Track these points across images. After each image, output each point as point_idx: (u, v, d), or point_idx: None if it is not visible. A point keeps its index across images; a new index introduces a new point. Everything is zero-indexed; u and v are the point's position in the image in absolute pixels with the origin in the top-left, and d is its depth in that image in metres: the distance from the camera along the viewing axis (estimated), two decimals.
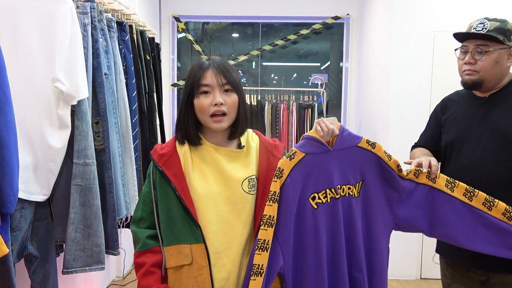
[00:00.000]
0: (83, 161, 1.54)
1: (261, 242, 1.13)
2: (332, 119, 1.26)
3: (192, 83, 1.14)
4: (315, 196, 1.22)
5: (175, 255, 1.15)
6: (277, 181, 1.16)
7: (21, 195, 1.39)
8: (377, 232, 1.29)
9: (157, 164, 1.16)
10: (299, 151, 1.20)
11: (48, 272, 1.63)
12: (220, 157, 1.19)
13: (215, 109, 1.13)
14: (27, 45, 1.43)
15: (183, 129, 1.18)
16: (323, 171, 1.22)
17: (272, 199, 1.15)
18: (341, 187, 1.25)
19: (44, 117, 1.45)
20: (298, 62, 4.64)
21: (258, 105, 3.65)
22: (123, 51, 1.98)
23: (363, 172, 1.29)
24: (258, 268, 1.12)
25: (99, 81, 1.65)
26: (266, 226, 1.14)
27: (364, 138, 1.28)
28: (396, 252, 3.21)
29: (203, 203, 1.15)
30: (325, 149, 1.23)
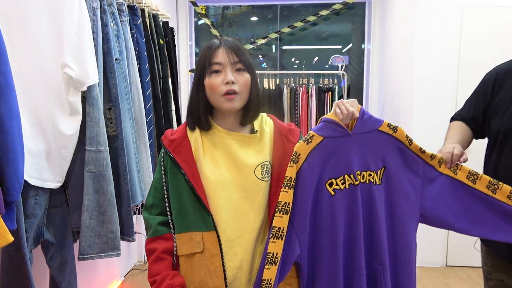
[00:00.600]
0: (95, 147, 1.52)
1: (276, 230, 1.09)
2: (352, 101, 1.19)
3: (203, 63, 1.10)
4: (332, 182, 1.16)
5: (186, 242, 1.12)
6: (293, 166, 1.11)
7: (34, 182, 1.39)
8: (403, 223, 1.21)
9: (168, 150, 1.13)
10: (317, 135, 1.15)
11: (65, 258, 1.64)
12: (232, 142, 1.14)
13: (227, 87, 1.09)
14: (35, 32, 1.41)
15: (194, 113, 1.14)
16: (341, 156, 1.16)
17: (288, 185, 1.10)
18: (360, 173, 1.18)
19: (55, 104, 1.44)
20: (318, 45, 4.51)
21: (277, 89, 3.57)
22: (135, 36, 1.94)
23: (384, 158, 1.21)
24: (273, 257, 1.08)
25: (110, 66, 1.62)
26: (281, 213, 1.09)
27: (385, 122, 1.21)
28: (419, 238, 3.13)
29: (214, 190, 1.11)
30: (345, 133, 1.16)
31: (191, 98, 1.15)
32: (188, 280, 1.14)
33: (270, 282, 1.08)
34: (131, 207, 1.73)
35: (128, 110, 1.78)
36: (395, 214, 1.21)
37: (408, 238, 1.21)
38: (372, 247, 1.19)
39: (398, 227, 1.21)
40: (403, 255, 1.20)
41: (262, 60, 4.53)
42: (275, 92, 3.56)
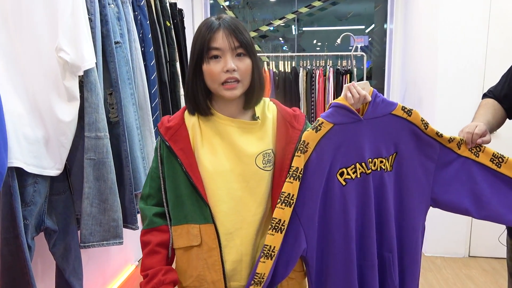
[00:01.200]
0: (94, 134, 1.48)
1: (275, 222, 1.02)
2: (363, 83, 1.11)
3: (200, 47, 1.01)
4: (343, 171, 1.09)
5: (183, 235, 1.07)
6: (301, 156, 1.04)
7: (32, 170, 1.37)
8: (410, 208, 1.15)
9: (164, 138, 1.07)
10: (326, 122, 1.07)
11: (69, 245, 1.63)
12: (232, 130, 1.07)
13: (227, 76, 1.01)
14: (31, 14, 1.36)
15: (192, 98, 1.07)
16: (353, 143, 1.09)
17: (293, 176, 1.03)
18: (372, 160, 1.11)
19: (52, 90, 1.39)
20: (339, 25, 4.33)
21: (293, 72, 3.45)
22: (138, 18, 1.87)
23: (396, 143, 1.13)
24: (269, 250, 1.02)
25: (109, 49, 1.56)
26: (283, 204, 1.02)
27: (399, 105, 1.12)
28: (441, 227, 3.01)
29: (213, 180, 1.05)
30: (356, 118, 1.09)
31: (188, 83, 1.07)
32: (186, 274, 1.09)
33: (263, 276, 1.02)
34: (133, 195, 1.70)
35: (131, 95, 1.72)
36: (404, 199, 1.15)
37: (415, 223, 1.16)
38: (382, 235, 1.14)
39: (406, 212, 1.15)
40: (410, 240, 1.15)
41: (283, 42, 4.39)
42: (291, 75, 3.44)
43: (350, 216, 1.10)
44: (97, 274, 2.38)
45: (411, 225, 1.16)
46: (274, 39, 4.38)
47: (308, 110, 3.43)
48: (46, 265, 1.78)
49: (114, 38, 1.61)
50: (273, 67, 3.53)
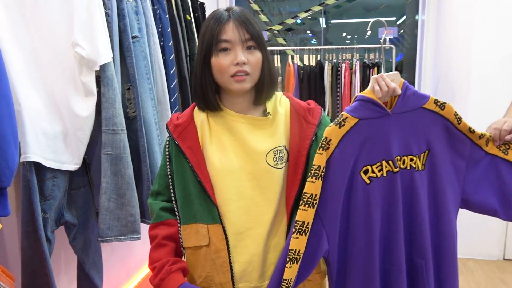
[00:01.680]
0: (111, 129, 1.48)
1: (299, 225, 0.98)
2: (393, 74, 1.03)
3: (209, 39, 0.97)
4: (368, 169, 1.03)
5: (192, 234, 1.05)
6: (323, 153, 0.98)
7: (50, 164, 1.39)
8: (446, 210, 1.07)
9: (172, 136, 1.05)
10: (350, 116, 1.01)
11: (89, 239, 1.65)
12: (242, 126, 1.03)
13: (237, 69, 0.97)
14: (48, 9, 1.37)
15: (200, 94, 1.04)
16: (379, 139, 1.03)
17: (315, 175, 0.98)
18: (401, 158, 1.04)
19: (69, 85, 1.40)
20: (368, 17, 4.20)
21: (318, 65, 3.37)
22: (157, 12, 1.86)
23: (429, 140, 1.06)
24: (295, 254, 0.97)
25: (126, 44, 1.56)
26: (307, 206, 0.97)
27: (431, 98, 1.04)
28: (474, 228, 2.86)
29: (222, 178, 1.02)
30: (383, 113, 1.02)
31: (196, 78, 1.04)
32: (195, 274, 1.07)
33: (290, 281, 0.98)
34: None
35: (149, 90, 1.72)
36: (439, 202, 1.07)
37: (452, 227, 1.08)
38: (413, 239, 1.07)
39: (442, 216, 1.07)
40: (448, 246, 1.07)
41: (312, 36, 4.31)
42: (316, 69, 3.36)
43: (374, 217, 1.04)
44: (120, 267, 2.42)
45: (448, 229, 1.08)
46: (301, 32, 4.30)
47: (333, 105, 3.35)
48: (69, 258, 1.82)
49: (132, 32, 1.60)
50: (297, 60, 3.46)
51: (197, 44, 1.03)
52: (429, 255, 1.06)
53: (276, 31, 4.07)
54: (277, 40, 4.10)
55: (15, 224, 1.51)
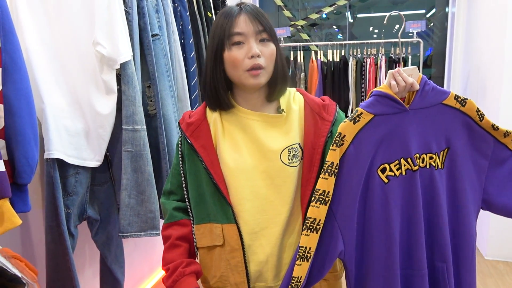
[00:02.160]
0: (131, 126, 1.50)
1: (310, 221, 0.95)
2: (411, 69, 0.99)
3: (220, 34, 0.95)
4: (385, 167, 0.99)
5: (206, 234, 1.04)
6: (337, 150, 0.96)
7: (73, 161, 1.42)
8: (466, 211, 1.03)
9: (185, 135, 1.04)
10: (365, 112, 0.98)
11: (111, 234, 1.69)
12: (255, 124, 1.01)
13: (252, 62, 0.95)
14: (70, 10, 1.40)
15: (212, 91, 1.02)
16: (397, 136, 0.99)
17: (328, 171, 0.95)
18: (420, 156, 1.00)
19: (90, 83, 1.43)
20: (397, 10, 4.07)
21: (342, 61, 3.30)
22: (178, 9, 1.87)
23: (448, 137, 1.01)
24: (305, 252, 0.95)
25: (146, 42, 1.57)
26: (318, 203, 0.95)
27: (452, 93, 1.00)
28: (504, 230, 2.74)
29: (235, 178, 1.00)
30: (401, 109, 0.98)
31: (207, 74, 1.02)
32: (209, 275, 1.07)
33: (300, 280, 0.95)
34: None
35: (169, 88, 1.73)
36: (459, 202, 1.03)
37: (471, 229, 1.04)
38: (433, 242, 1.02)
39: (462, 217, 1.03)
40: (467, 248, 1.03)
41: (338, 31, 4.23)
42: (339, 64, 3.29)
43: (393, 218, 1.00)
44: (143, 262, 2.46)
45: (468, 231, 1.03)
46: (326, 27, 4.22)
47: (357, 101, 3.28)
48: (93, 252, 1.86)
49: (152, 30, 1.61)
50: (321, 56, 3.41)
51: (208, 41, 1.00)
52: (450, 258, 1.02)
53: (300, 27, 4.02)
54: (300, 36, 4.05)
55: (40, 219, 1.56)
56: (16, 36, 0.98)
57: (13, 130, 0.94)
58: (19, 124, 0.95)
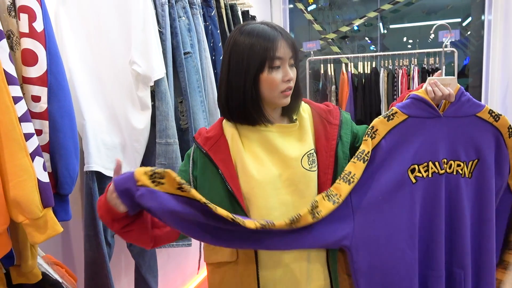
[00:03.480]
0: (165, 140, 1.57)
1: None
2: (450, 78, 1.03)
3: (262, 57, 0.97)
4: (415, 168, 1.03)
5: (217, 250, 1.05)
6: (369, 140, 1.01)
7: (111, 174, 1.50)
8: (491, 224, 1.05)
9: (202, 148, 1.05)
10: (400, 112, 1.02)
11: None
12: (272, 135, 1.05)
13: (287, 85, 1.01)
14: (109, 33, 1.50)
15: (241, 106, 1.02)
16: (427, 139, 1.03)
17: (358, 157, 1.00)
18: (447, 162, 1.03)
19: (127, 100, 1.52)
20: (429, 20, 4.01)
21: (372, 72, 3.28)
22: (209, 28, 1.95)
23: (479, 149, 1.04)
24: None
25: (179, 60, 1.65)
26: (342, 180, 0.99)
27: (486, 107, 1.03)
28: None
29: (262, 189, 1.02)
30: (435, 114, 1.02)
31: (237, 95, 1.02)
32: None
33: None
34: None
35: (201, 103, 1.79)
36: (485, 213, 1.05)
37: (493, 243, 1.05)
38: (452, 247, 1.05)
39: (486, 230, 1.05)
40: (488, 261, 1.05)
41: (370, 42, 4.21)
42: (370, 76, 3.27)
43: (417, 216, 1.02)
44: (177, 273, 2.52)
45: (490, 244, 1.04)
46: (357, 39, 4.21)
47: None
48: (129, 261, 1.94)
49: (185, 48, 1.69)
50: (351, 68, 3.40)
51: (234, 58, 1.01)
52: (468, 266, 1.03)
53: (330, 39, 4.03)
54: (331, 49, 4.07)
55: (80, 229, 1.64)
56: (60, 58, 1.07)
57: (57, 145, 1.02)
58: (62, 139, 1.03)
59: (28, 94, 0.98)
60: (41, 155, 0.93)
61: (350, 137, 1.08)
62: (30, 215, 0.89)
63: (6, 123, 0.84)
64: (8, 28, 0.98)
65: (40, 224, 0.91)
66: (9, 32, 0.98)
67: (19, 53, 0.98)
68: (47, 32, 1.00)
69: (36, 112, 0.99)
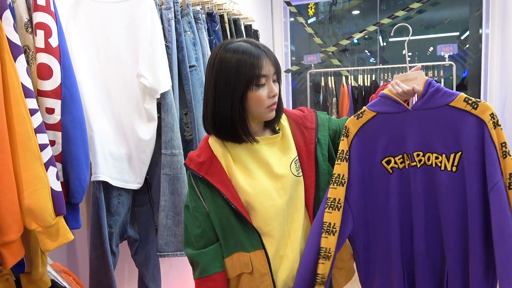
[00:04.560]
0: (170, 151, 1.61)
1: (331, 201, 1.08)
2: (415, 73, 1.05)
3: (248, 75, 1.01)
4: (390, 160, 1.11)
5: (234, 265, 1.10)
6: (345, 139, 1.11)
7: (116, 183, 1.54)
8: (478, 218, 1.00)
9: (198, 174, 1.08)
10: (368, 110, 1.10)
11: (149, 254, 1.78)
12: (260, 148, 1.10)
13: (272, 101, 1.06)
14: (117, 46, 1.55)
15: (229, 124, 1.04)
16: (397, 133, 1.08)
17: (340, 158, 1.10)
18: (424, 154, 1.06)
19: (134, 112, 1.56)
20: (427, 34, 4.08)
21: (372, 85, 3.34)
22: (214, 42, 2.00)
23: (461, 140, 1.00)
24: (330, 227, 1.07)
25: (184, 73, 1.69)
26: (335, 184, 1.09)
27: (461, 95, 1.00)
28: None
29: (258, 201, 1.07)
30: (403, 109, 1.06)
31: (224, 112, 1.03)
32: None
33: (330, 251, 1.07)
34: None
35: None
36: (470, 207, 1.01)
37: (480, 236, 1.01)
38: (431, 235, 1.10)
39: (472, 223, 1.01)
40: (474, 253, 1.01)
41: (370, 55, 4.28)
42: (370, 88, 3.33)
43: (395, 204, 1.10)
44: (179, 282, 2.53)
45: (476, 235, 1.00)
46: (357, 52, 4.28)
47: None
48: (132, 270, 1.96)
49: (190, 62, 1.74)
50: (351, 80, 3.46)
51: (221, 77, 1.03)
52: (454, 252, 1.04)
53: (330, 53, 4.10)
54: (331, 61, 4.13)
55: (86, 238, 1.67)
56: (73, 72, 1.11)
57: (69, 155, 1.06)
58: (74, 150, 1.07)
59: (43, 107, 1.03)
60: (54, 165, 0.96)
61: (328, 137, 1.15)
62: (43, 223, 0.92)
63: (22, 134, 0.88)
64: (25, 44, 1.03)
65: (53, 232, 0.94)
66: (25, 47, 1.02)
67: (34, 67, 1.03)
68: (62, 48, 1.05)
69: (50, 123, 1.03)
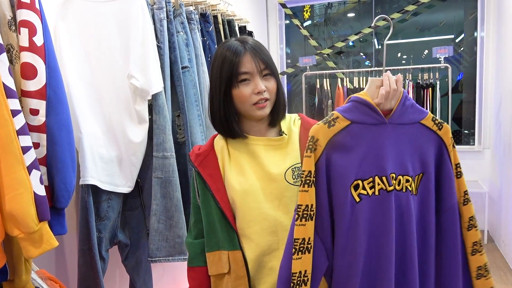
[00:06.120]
0: (162, 154, 1.57)
1: (299, 242, 0.88)
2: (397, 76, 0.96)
3: (228, 73, 1.02)
4: (358, 184, 0.90)
5: (216, 262, 1.08)
6: (311, 155, 0.89)
7: (106, 187, 1.49)
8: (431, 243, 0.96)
9: (193, 164, 1.10)
10: (342, 117, 0.91)
11: (140, 259, 1.73)
12: (259, 148, 1.07)
13: (258, 97, 1.03)
14: (108, 47, 1.51)
15: (225, 123, 1.07)
16: (373, 150, 0.90)
17: (307, 182, 0.88)
18: (396, 177, 0.91)
19: (124, 113, 1.52)
20: (423, 37, 4.08)
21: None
22: (207, 43, 1.96)
23: (424, 161, 0.94)
24: (301, 276, 0.88)
25: (176, 74, 1.66)
26: (303, 220, 0.88)
27: (429, 114, 0.94)
28: None
29: (243, 201, 1.05)
30: (379, 120, 0.90)
31: (219, 109, 1.06)
32: None
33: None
34: None
35: (198, 117, 1.80)
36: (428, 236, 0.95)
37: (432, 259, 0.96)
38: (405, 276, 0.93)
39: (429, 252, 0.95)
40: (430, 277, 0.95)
41: (365, 58, 4.27)
42: None
43: (360, 242, 0.89)
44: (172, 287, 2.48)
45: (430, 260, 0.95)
46: (353, 55, 4.27)
47: None
48: (123, 276, 1.91)
49: (182, 63, 1.70)
50: (347, 83, 3.44)
51: (212, 74, 1.07)
52: None
53: (326, 55, 4.08)
54: (326, 64, 4.11)
55: (74, 243, 1.63)
56: (59, 72, 1.07)
57: (54, 158, 1.02)
58: (59, 153, 1.03)
59: (27, 107, 0.99)
60: (38, 169, 0.92)
61: None
62: (25, 229, 0.88)
63: (4, 137, 0.84)
64: (8, 42, 0.99)
65: (36, 238, 0.90)
66: (8, 46, 0.98)
67: (18, 67, 0.99)
68: (47, 46, 1.01)
69: (34, 125, 1.00)
